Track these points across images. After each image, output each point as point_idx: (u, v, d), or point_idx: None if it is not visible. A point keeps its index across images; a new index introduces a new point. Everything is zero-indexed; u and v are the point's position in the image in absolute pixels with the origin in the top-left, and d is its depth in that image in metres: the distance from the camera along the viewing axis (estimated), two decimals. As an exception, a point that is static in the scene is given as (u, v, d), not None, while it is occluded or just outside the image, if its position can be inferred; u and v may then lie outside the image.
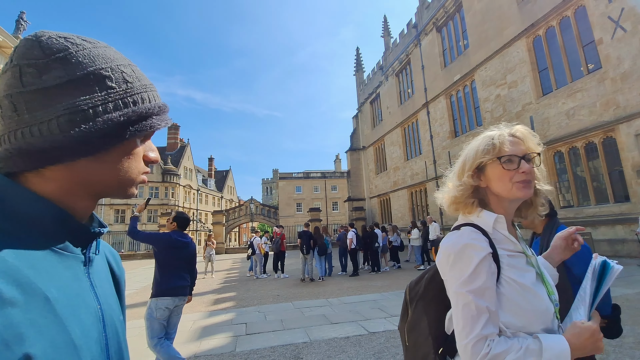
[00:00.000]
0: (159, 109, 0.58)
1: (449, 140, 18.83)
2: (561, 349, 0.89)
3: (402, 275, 10.95)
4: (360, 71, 32.20)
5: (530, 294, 0.95)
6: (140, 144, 0.58)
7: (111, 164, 0.53)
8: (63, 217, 0.51)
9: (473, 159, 1.05)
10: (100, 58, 0.52)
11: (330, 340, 4.87)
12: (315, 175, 52.87)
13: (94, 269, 0.57)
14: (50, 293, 0.45)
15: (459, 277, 0.95)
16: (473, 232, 1.01)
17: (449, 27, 19.41)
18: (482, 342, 0.90)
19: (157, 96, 0.60)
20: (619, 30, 10.47)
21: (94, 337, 0.50)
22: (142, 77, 0.58)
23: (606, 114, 10.86)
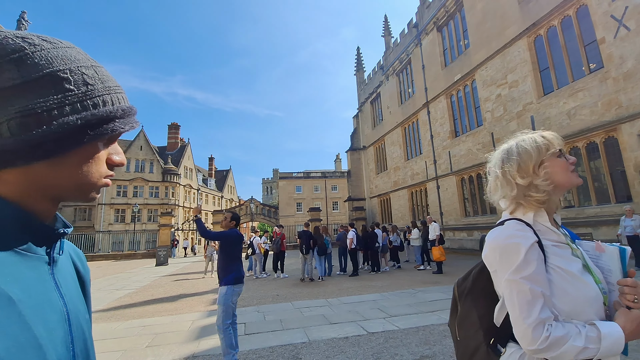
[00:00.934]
0: (123, 112, 0.57)
1: (450, 140, 18.78)
2: (618, 335, 0.92)
3: (402, 276, 10.91)
4: (360, 71, 32.16)
5: (578, 282, 1.00)
6: (104, 147, 0.57)
7: (69, 168, 0.52)
8: (23, 218, 0.50)
9: (535, 159, 1.11)
10: (59, 59, 0.51)
11: (329, 340, 4.84)
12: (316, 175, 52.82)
13: (58, 269, 0.57)
14: (13, 294, 0.44)
15: (510, 266, 1.01)
16: (517, 224, 1.09)
17: (450, 26, 19.36)
18: (540, 326, 0.94)
19: (123, 99, 0.58)
20: (622, 29, 10.41)
21: (59, 336, 0.50)
22: (106, 79, 0.57)
23: (608, 114, 10.81)
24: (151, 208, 41.49)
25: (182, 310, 7.38)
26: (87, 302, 0.67)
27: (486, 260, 1.11)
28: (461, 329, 1.22)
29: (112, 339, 5.43)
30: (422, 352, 4.17)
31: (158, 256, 19.94)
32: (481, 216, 16.65)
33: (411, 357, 4.01)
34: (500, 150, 1.22)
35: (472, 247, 16.69)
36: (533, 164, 1.11)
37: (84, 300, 0.64)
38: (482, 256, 1.14)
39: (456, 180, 18.25)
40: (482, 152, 16.18)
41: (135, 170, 41.84)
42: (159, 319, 6.65)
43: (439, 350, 4.19)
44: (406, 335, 4.83)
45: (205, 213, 49.66)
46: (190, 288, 10.55)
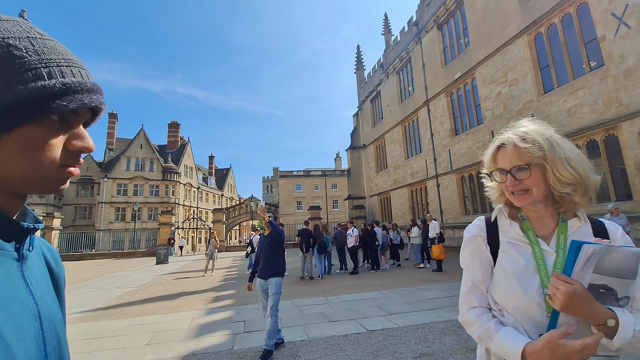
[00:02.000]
0: (67, 88, 0.49)
1: (450, 138, 18.75)
2: (510, 350, 0.94)
3: (402, 274, 10.92)
4: (360, 69, 32.11)
5: (510, 279, 1.04)
6: (59, 131, 0.50)
7: (7, 156, 0.47)
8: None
9: (487, 166, 1.17)
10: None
11: (329, 338, 4.84)
12: (316, 173, 52.77)
13: (28, 266, 0.54)
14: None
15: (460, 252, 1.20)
16: (476, 220, 1.21)
17: (450, 24, 19.31)
18: (464, 304, 1.12)
19: (73, 73, 0.51)
20: (622, 26, 10.37)
21: (29, 335, 0.47)
22: (49, 51, 0.50)
23: (608, 112, 10.78)
24: (151, 207, 41.52)
25: (182, 308, 7.38)
26: (61, 302, 0.64)
27: None
28: None
29: (111, 337, 5.44)
30: (421, 349, 4.18)
31: (158, 254, 19.96)
32: (481, 214, 16.57)
33: (410, 355, 4.01)
34: None
35: (472, 246, 16.65)
36: (486, 170, 1.18)
37: (57, 299, 0.61)
38: None
39: (456, 179, 18.24)
40: (482, 151, 15.78)
41: (136, 168, 41.86)
42: (158, 317, 6.66)
43: (438, 348, 4.20)
44: (405, 333, 4.83)
45: (206, 212, 49.71)
46: (190, 286, 10.56)
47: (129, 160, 41.74)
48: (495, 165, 1.11)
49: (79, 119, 0.53)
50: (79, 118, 0.53)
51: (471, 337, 1.11)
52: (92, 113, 0.57)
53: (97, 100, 0.54)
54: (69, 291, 10.27)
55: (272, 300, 4.52)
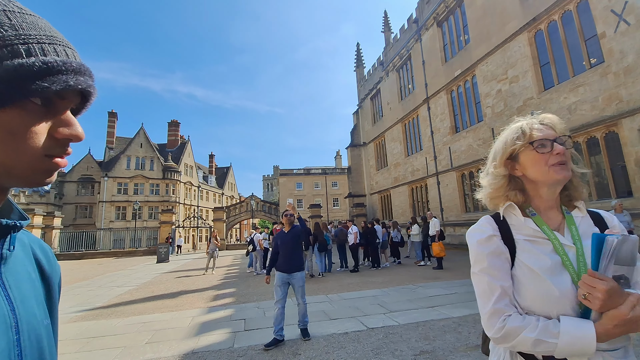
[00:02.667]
0: (50, 67, 0.43)
1: (450, 136, 18.73)
2: (582, 333, 0.87)
3: (402, 271, 10.92)
4: (360, 67, 32.05)
5: (538, 280, 0.96)
6: (41, 117, 0.45)
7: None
8: None
9: (503, 150, 1.09)
10: None
11: (329, 336, 4.85)
12: (316, 171, 52.75)
13: (9, 267, 0.49)
14: None
15: (471, 260, 1.07)
16: (483, 219, 1.11)
17: (450, 21, 19.25)
18: (495, 315, 0.97)
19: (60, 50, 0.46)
20: (622, 23, 10.34)
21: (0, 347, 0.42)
22: (29, 26, 0.44)
23: (609, 109, 10.76)
24: (152, 205, 41.54)
25: (183, 306, 7.39)
26: (52, 305, 0.57)
27: None
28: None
29: (111, 335, 5.44)
30: (421, 347, 4.18)
31: (159, 253, 19.98)
32: (482, 212, 16.62)
33: (411, 353, 4.01)
34: None
35: (472, 243, 16.66)
36: (500, 155, 1.09)
37: (46, 303, 0.55)
38: None
39: (456, 176, 18.23)
40: (482, 148, 16.15)
41: (136, 167, 41.87)
42: (159, 315, 6.67)
43: (439, 345, 4.20)
44: (406, 331, 4.83)
45: (206, 210, 49.74)
46: (191, 285, 10.57)
47: (129, 159, 41.75)
48: (532, 138, 1.04)
49: (65, 103, 0.47)
50: (65, 103, 0.47)
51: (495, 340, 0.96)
52: (82, 98, 0.50)
53: (85, 83, 0.47)
54: (70, 290, 10.29)
55: (301, 290, 5.02)
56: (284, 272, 5.01)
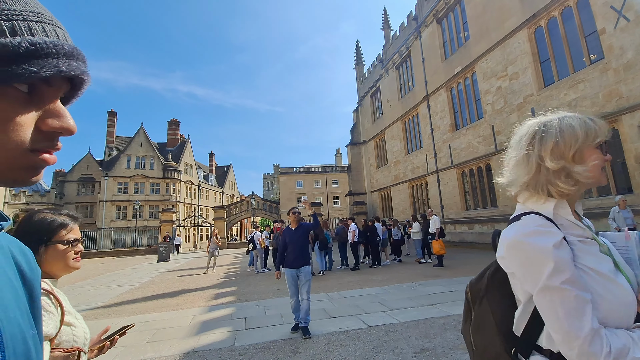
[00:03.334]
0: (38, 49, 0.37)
1: (450, 133, 18.71)
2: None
3: (403, 269, 10.93)
4: (360, 65, 31.98)
5: (611, 284, 0.86)
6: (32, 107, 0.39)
7: None
8: None
9: (576, 143, 0.94)
10: None
11: (329, 334, 4.86)
12: (316, 169, 52.78)
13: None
14: None
15: (539, 270, 0.86)
16: (538, 219, 0.93)
17: (450, 18, 19.20)
18: (598, 338, 0.79)
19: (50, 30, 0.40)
20: (621, 20, 10.31)
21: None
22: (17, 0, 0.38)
23: (609, 105, 10.74)
24: (152, 204, 41.59)
25: (183, 305, 7.40)
26: (36, 313, 0.50)
27: (503, 262, 0.97)
28: (477, 335, 1.09)
29: (113, 334, 5.45)
30: (422, 345, 4.18)
31: (160, 252, 20.02)
32: (482, 209, 16.63)
33: (411, 351, 4.02)
34: (533, 123, 1.02)
35: (472, 241, 16.70)
36: (576, 148, 0.94)
37: (29, 312, 0.48)
38: (497, 257, 1.00)
39: (457, 174, 18.22)
40: (482, 145, 16.14)
41: (136, 167, 41.91)
42: (160, 314, 6.68)
43: (439, 343, 4.20)
44: (406, 329, 4.84)
45: (207, 209, 49.78)
46: (192, 284, 10.59)
47: (129, 158, 41.78)
48: (605, 138, 0.95)
49: (53, 91, 0.41)
50: (53, 90, 0.41)
51: None
52: (72, 86, 0.45)
53: (78, 69, 0.42)
54: (71, 290, 10.31)
55: (308, 285, 5.10)
56: (294, 267, 5.14)
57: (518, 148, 1.02)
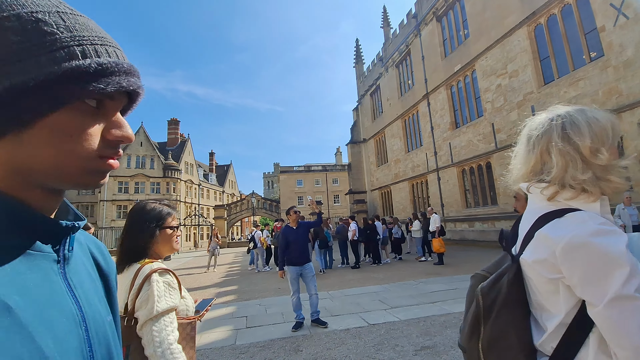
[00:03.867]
0: (104, 68, 0.43)
1: (450, 131, 18.70)
2: None
3: (403, 267, 10.96)
4: (360, 63, 31.94)
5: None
6: (94, 118, 0.45)
7: (40, 146, 0.41)
8: (16, 209, 0.42)
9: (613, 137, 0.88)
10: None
11: (330, 332, 4.88)
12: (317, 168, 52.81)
13: (71, 267, 0.50)
14: (11, 300, 0.38)
15: (613, 276, 0.74)
16: (595, 216, 0.83)
17: (449, 16, 19.17)
18: None
19: (111, 52, 0.46)
20: (621, 17, 10.30)
21: (72, 345, 0.43)
22: (82, 27, 0.44)
23: (609, 103, 10.73)
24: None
25: (185, 304, 7.42)
26: (112, 302, 0.60)
27: (543, 266, 0.86)
28: (492, 352, 0.94)
29: (115, 334, 5.48)
30: (422, 342, 4.20)
31: (160, 252, 20.05)
32: (482, 207, 16.65)
33: (412, 349, 4.04)
34: (553, 115, 0.94)
35: (473, 238, 16.72)
36: (610, 142, 0.87)
37: (107, 301, 0.57)
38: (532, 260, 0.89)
39: (457, 172, 18.23)
40: (482, 143, 16.14)
41: (136, 166, 41.96)
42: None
43: (440, 341, 4.22)
44: (407, 327, 4.86)
45: (207, 208, 49.83)
46: (193, 282, 10.62)
47: (129, 158, 41.82)
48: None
49: (115, 104, 0.48)
50: (115, 103, 0.48)
51: None
52: (129, 99, 0.51)
53: (135, 84, 0.48)
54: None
55: (313, 280, 5.34)
56: (299, 265, 5.26)
57: (530, 143, 0.95)
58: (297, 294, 5.25)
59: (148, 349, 1.26)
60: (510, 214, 14.08)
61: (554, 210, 0.89)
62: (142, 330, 1.29)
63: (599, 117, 0.89)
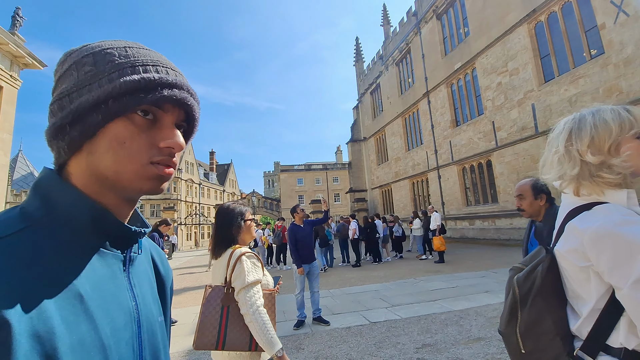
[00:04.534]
0: (149, 81, 0.49)
1: (451, 129, 18.69)
2: None
3: (404, 265, 10.98)
4: (360, 61, 31.90)
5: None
6: (150, 129, 0.51)
7: (102, 154, 0.48)
8: (101, 214, 0.49)
9: (616, 135, 0.94)
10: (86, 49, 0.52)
11: (332, 330, 4.90)
12: (317, 167, 52.81)
13: (135, 268, 0.56)
14: (84, 290, 0.44)
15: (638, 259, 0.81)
16: (621, 208, 0.91)
17: (449, 14, 19.13)
18: None
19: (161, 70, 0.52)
20: (621, 14, 10.28)
21: (125, 338, 0.49)
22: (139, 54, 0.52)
23: (609, 100, 10.71)
24: (153, 203, 41.68)
25: (186, 303, 7.46)
26: (165, 304, 0.66)
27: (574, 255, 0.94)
28: (529, 338, 1.03)
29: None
30: (423, 340, 4.23)
31: (161, 251, 20.12)
32: (482, 205, 16.66)
33: (413, 346, 4.06)
34: (569, 119, 1.04)
35: (473, 236, 16.74)
36: (611, 142, 0.95)
37: (160, 302, 0.63)
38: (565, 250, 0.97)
39: (457, 170, 18.23)
40: (483, 141, 16.14)
41: (137, 165, 41.94)
42: (163, 312, 6.72)
43: (441, 338, 4.24)
44: (408, 324, 4.88)
45: (208, 207, 49.87)
46: (195, 281, 10.65)
47: (129, 157, 41.82)
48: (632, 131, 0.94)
49: (168, 116, 0.53)
50: (168, 115, 0.53)
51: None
52: (187, 116, 0.57)
53: (179, 95, 0.52)
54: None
55: (318, 278, 5.49)
56: (308, 263, 5.37)
57: (556, 145, 1.04)
58: (302, 293, 5.32)
59: (242, 309, 1.77)
60: (511, 212, 14.09)
61: (583, 204, 0.97)
62: (238, 295, 1.80)
63: (609, 117, 0.96)
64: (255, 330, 1.72)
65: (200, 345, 1.78)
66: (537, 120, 13.14)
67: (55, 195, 0.48)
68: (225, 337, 1.76)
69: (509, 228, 14.40)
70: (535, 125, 13.18)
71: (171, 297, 0.70)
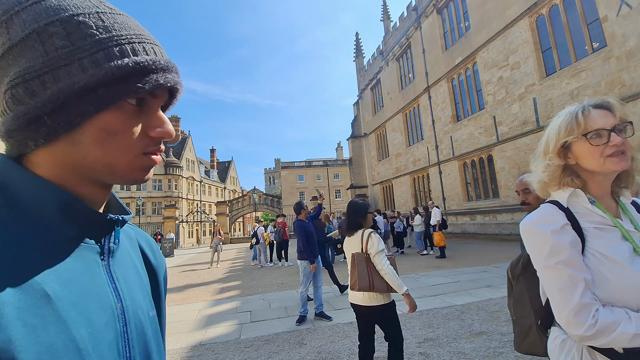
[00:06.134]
0: (142, 67, 0.44)
1: (451, 124, 18.64)
2: None
3: (405, 261, 10.98)
4: (360, 57, 31.77)
5: (619, 268, 0.92)
6: (141, 117, 0.47)
7: (90, 145, 0.43)
8: (69, 202, 0.43)
9: (556, 139, 1.04)
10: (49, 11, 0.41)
11: (334, 325, 4.91)
12: (318, 163, 52.78)
13: (116, 260, 0.50)
14: (50, 289, 0.38)
15: (541, 251, 0.99)
16: (548, 207, 1.05)
17: (450, 8, 19.01)
18: (584, 311, 0.89)
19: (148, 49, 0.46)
20: (624, 7, 10.19)
21: (107, 339, 0.43)
22: (119, 25, 0.45)
23: (611, 94, 10.66)
24: (155, 201, 41.72)
25: (189, 300, 7.49)
26: (159, 297, 0.61)
27: (525, 245, 1.10)
28: (516, 309, 1.31)
29: (121, 329, 5.52)
30: (425, 335, 4.23)
31: (163, 248, 20.16)
32: (483, 200, 16.65)
33: (415, 341, 4.07)
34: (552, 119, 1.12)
35: (474, 231, 16.74)
36: (554, 144, 1.03)
37: (151, 295, 0.57)
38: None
39: (458, 165, 18.20)
40: (484, 136, 16.09)
41: (138, 163, 41.95)
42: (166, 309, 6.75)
43: (443, 333, 4.25)
44: (410, 319, 4.89)
45: (209, 204, 49.95)
46: (197, 278, 10.69)
47: (130, 155, 41.82)
48: (586, 129, 0.98)
49: (156, 101, 0.48)
50: (156, 101, 0.48)
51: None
52: (169, 95, 0.52)
53: (173, 80, 0.48)
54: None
55: (321, 273, 5.60)
56: (316, 257, 5.46)
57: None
58: (307, 289, 5.35)
59: (378, 266, 2.72)
60: (512, 207, 14.08)
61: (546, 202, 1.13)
62: (374, 258, 2.74)
63: (561, 120, 1.05)
64: (389, 279, 2.68)
65: (362, 287, 2.68)
66: (538, 114, 13.08)
67: (13, 182, 0.42)
68: (374, 283, 2.69)
69: (510, 223, 14.38)
70: (537, 120, 13.12)
71: (165, 288, 0.64)
